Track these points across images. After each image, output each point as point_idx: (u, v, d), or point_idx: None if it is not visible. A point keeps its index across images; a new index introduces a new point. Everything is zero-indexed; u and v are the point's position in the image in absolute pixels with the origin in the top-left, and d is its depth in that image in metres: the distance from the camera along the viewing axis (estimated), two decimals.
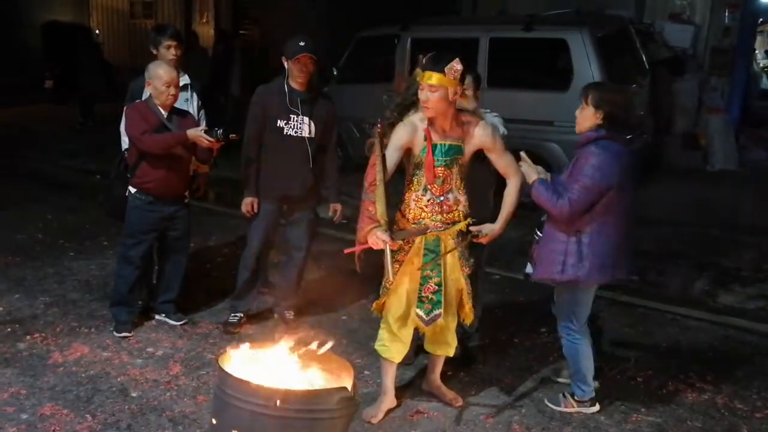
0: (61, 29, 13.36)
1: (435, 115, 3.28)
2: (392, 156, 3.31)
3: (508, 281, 5.51)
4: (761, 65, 13.82)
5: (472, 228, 3.43)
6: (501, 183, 3.58)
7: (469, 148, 3.38)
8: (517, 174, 3.46)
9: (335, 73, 8.44)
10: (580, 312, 3.61)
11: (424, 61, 3.25)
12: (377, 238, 3.17)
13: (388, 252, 3.20)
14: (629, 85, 7.68)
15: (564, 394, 3.76)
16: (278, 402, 2.68)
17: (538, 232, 3.63)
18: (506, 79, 7.39)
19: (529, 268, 3.73)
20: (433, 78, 3.19)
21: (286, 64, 4.19)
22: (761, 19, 11.19)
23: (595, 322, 4.49)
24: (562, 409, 3.71)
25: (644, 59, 8.28)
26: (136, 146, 4.11)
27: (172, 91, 4.09)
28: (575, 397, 3.72)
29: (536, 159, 3.72)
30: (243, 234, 5.03)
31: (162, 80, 4.05)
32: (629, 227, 3.53)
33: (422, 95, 3.24)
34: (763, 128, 10.40)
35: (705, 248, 6.24)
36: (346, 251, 3.34)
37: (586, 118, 3.40)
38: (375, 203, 3.18)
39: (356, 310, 4.90)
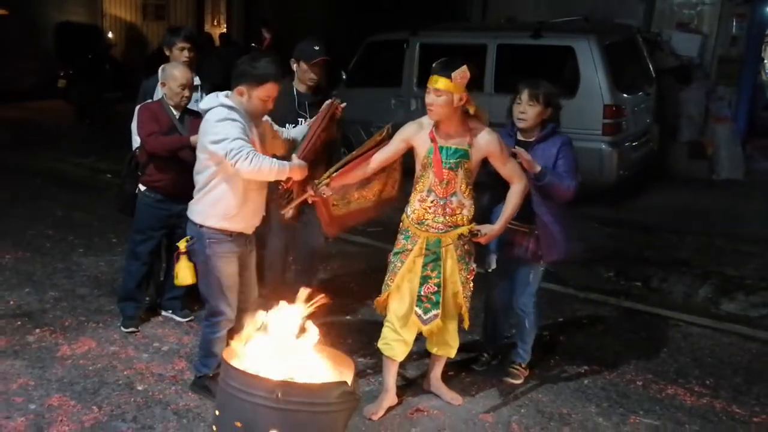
0: (74, 30, 13.52)
1: (439, 118, 3.33)
2: (394, 144, 3.49)
3: None
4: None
5: (471, 227, 3.47)
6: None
7: (477, 155, 3.41)
8: (522, 179, 3.50)
9: (344, 76, 8.52)
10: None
11: (434, 64, 3.31)
12: (307, 189, 3.42)
13: (302, 198, 3.47)
14: (636, 92, 7.74)
15: (514, 368, 4.00)
16: (279, 394, 2.74)
17: (521, 224, 3.73)
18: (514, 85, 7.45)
19: (494, 263, 3.90)
20: (440, 82, 3.24)
21: (294, 67, 4.22)
22: None
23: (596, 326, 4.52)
24: (521, 381, 3.97)
25: (651, 67, 8.31)
26: (144, 147, 4.18)
27: (186, 92, 4.14)
28: (522, 365, 4.03)
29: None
30: None
31: (177, 81, 4.10)
32: None
33: (428, 98, 3.31)
34: None
35: (709, 256, 6.26)
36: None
37: (539, 114, 3.73)
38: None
39: (361, 310, 4.96)
